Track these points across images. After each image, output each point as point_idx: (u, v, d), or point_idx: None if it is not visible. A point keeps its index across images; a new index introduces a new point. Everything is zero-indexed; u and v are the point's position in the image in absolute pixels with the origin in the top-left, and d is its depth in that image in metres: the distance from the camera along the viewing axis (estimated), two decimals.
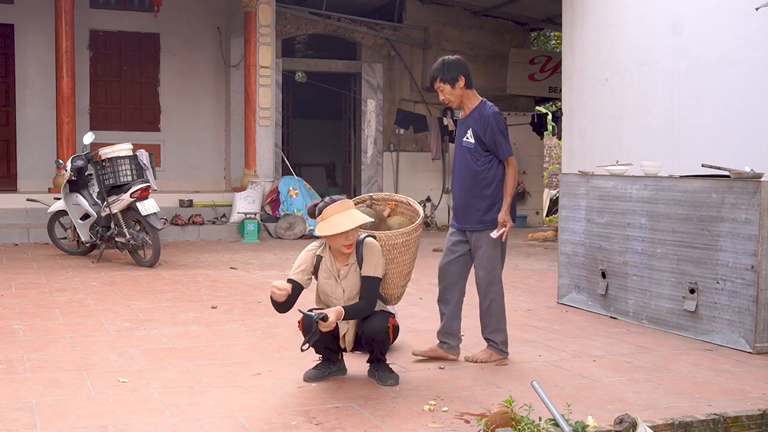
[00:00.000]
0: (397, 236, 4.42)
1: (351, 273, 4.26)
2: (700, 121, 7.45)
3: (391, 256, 4.40)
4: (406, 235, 4.45)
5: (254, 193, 11.96)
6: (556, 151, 20.94)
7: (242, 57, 12.67)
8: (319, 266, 4.31)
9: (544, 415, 3.31)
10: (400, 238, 4.42)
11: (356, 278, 4.26)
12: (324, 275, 4.31)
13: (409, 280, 4.61)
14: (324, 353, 4.36)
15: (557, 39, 18.25)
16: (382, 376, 4.30)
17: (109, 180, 8.67)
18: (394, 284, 4.48)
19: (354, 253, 4.27)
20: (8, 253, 9.46)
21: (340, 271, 4.27)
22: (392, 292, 4.51)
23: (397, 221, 4.73)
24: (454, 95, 4.73)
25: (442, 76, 4.70)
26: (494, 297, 4.77)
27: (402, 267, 4.48)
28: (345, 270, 4.27)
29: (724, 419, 3.58)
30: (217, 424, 3.62)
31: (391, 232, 4.43)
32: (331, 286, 4.29)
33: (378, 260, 4.25)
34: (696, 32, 7.50)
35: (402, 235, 4.43)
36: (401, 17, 14.78)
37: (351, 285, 4.26)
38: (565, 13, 9.46)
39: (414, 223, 4.60)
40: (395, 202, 4.82)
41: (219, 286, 7.44)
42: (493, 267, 4.74)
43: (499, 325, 4.81)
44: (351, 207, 4.19)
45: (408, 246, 4.47)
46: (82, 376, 4.35)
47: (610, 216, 6.21)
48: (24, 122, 12.80)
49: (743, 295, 5.14)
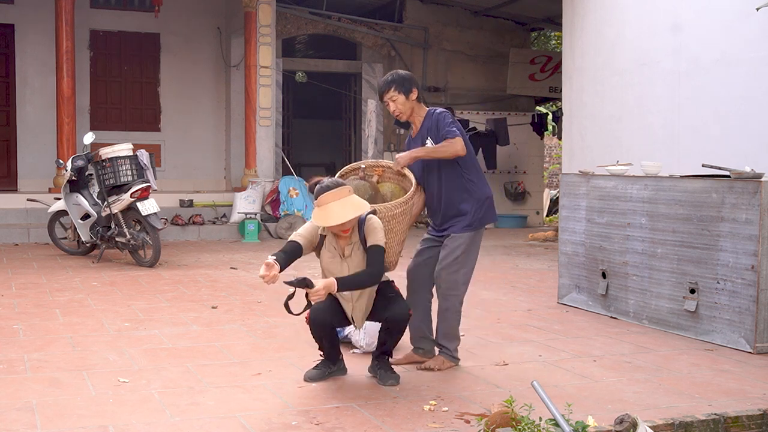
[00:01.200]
0: (396, 206, 4.42)
1: (355, 251, 4.25)
2: (700, 121, 7.45)
3: (390, 226, 4.38)
4: (404, 204, 4.46)
5: (254, 193, 11.96)
6: (556, 151, 20.94)
7: (242, 57, 12.67)
8: (323, 244, 4.30)
9: (545, 415, 3.31)
10: (398, 207, 4.43)
11: (361, 256, 4.24)
12: (328, 255, 4.28)
13: (403, 244, 4.62)
14: (327, 351, 4.35)
15: (557, 39, 18.25)
16: (384, 375, 4.30)
17: (110, 180, 8.67)
18: (392, 252, 4.48)
19: (356, 232, 4.23)
20: (8, 253, 9.46)
21: (345, 249, 4.25)
22: (390, 259, 4.49)
23: (389, 189, 4.70)
24: (406, 107, 4.67)
25: (397, 86, 4.64)
26: (452, 303, 4.66)
27: (400, 234, 4.50)
28: (349, 249, 4.24)
29: (724, 419, 3.58)
30: (217, 424, 3.62)
31: (390, 204, 4.42)
32: (336, 264, 4.27)
33: (380, 231, 4.23)
34: (696, 32, 7.51)
35: (400, 205, 4.44)
36: (401, 17, 14.78)
37: (356, 263, 4.24)
38: (565, 13, 9.46)
39: (408, 190, 4.58)
40: (382, 168, 4.77)
41: (219, 286, 7.44)
42: (456, 270, 4.63)
43: (453, 331, 4.69)
44: (347, 194, 4.10)
45: (405, 214, 4.48)
46: (82, 376, 4.35)
47: (611, 216, 6.21)
48: (24, 122, 12.80)
49: (743, 295, 5.14)
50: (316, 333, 4.30)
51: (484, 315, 6.23)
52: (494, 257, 10.01)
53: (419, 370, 4.60)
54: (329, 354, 4.39)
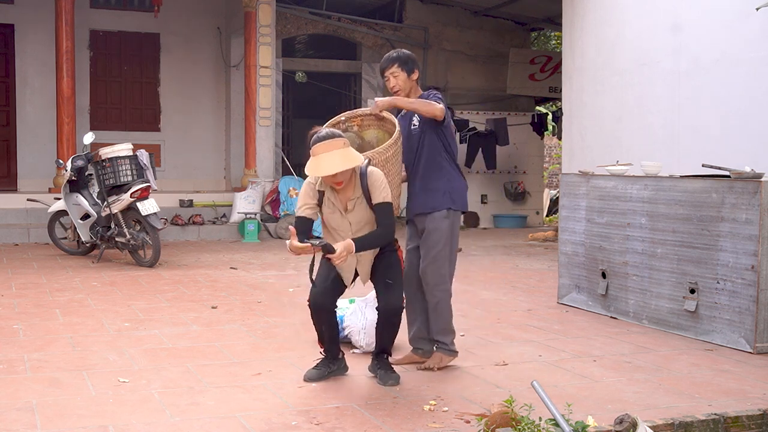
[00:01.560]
0: (387, 149, 4.39)
1: (358, 206, 4.21)
2: (700, 121, 7.45)
3: (386, 170, 4.35)
4: (393, 146, 4.43)
5: (254, 193, 11.96)
6: (556, 151, 20.94)
7: (242, 57, 12.67)
8: (322, 200, 4.26)
9: (544, 415, 3.31)
10: (389, 150, 4.40)
11: (363, 211, 4.21)
12: (328, 209, 4.24)
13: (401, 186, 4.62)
14: (327, 343, 4.34)
15: (557, 39, 18.25)
16: (384, 375, 4.30)
17: (110, 180, 8.67)
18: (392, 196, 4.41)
19: (359, 186, 4.19)
20: (8, 253, 9.46)
21: (347, 205, 4.21)
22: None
23: (374, 135, 4.69)
24: (406, 85, 4.68)
25: (401, 64, 4.66)
26: (442, 297, 4.65)
27: (396, 177, 4.47)
28: (351, 204, 4.21)
29: (724, 419, 3.58)
30: (217, 424, 3.62)
31: (381, 148, 4.38)
32: (336, 219, 4.24)
33: (383, 185, 4.19)
34: (696, 32, 7.51)
35: (390, 147, 4.41)
36: (401, 17, 14.78)
37: (358, 218, 4.22)
38: (565, 13, 9.46)
39: (392, 133, 4.55)
40: (360, 117, 4.72)
41: (219, 286, 7.44)
42: (441, 264, 4.62)
43: (447, 325, 4.69)
44: (340, 146, 4.05)
45: (396, 155, 4.47)
46: (82, 376, 4.35)
47: (610, 216, 6.20)
48: (24, 122, 12.80)
49: (743, 295, 5.14)
50: (315, 317, 4.29)
51: (484, 315, 6.23)
52: (494, 257, 10.01)
53: (419, 371, 4.60)
54: (329, 348, 4.37)
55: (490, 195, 14.98)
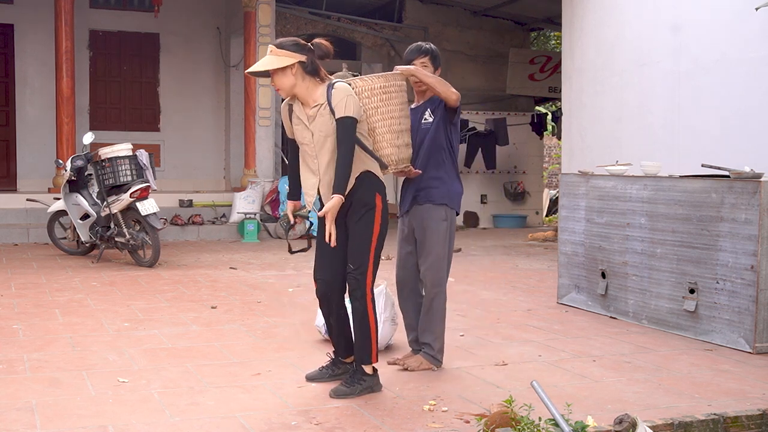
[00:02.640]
0: (374, 80, 4.25)
1: (319, 117, 4.05)
2: (700, 121, 7.46)
3: (374, 105, 4.22)
4: (383, 80, 4.26)
5: (254, 193, 11.96)
6: (556, 151, 20.94)
7: (242, 57, 12.67)
8: (292, 115, 4.18)
9: (544, 415, 3.31)
10: (377, 81, 4.26)
11: (325, 123, 4.03)
12: (296, 121, 4.16)
13: (407, 144, 4.39)
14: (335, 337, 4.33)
15: (557, 39, 18.25)
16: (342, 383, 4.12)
17: (109, 180, 8.67)
18: (386, 140, 4.26)
19: (322, 96, 4.05)
20: (8, 253, 9.46)
21: (308, 113, 4.09)
22: (386, 151, 4.27)
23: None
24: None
25: (432, 57, 4.66)
26: (438, 299, 4.60)
27: (390, 120, 4.27)
28: (313, 111, 4.07)
29: (724, 419, 3.58)
30: (217, 424, 3.62)
31: (367, 77, 4.27)
32: (300, 131, 4.13)
33: (347, 100, 3.97)
34: (696, 32, 7.51)
35: (378, 79, 4.25)
36: (401, 17, 14.78)
37: (319, 128, 4.04)
38: (564, 13, 9.47)
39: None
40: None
41: (219, 286, 7.44)
42: (440, 267, 4.58)
43: (438, 328, 4.61)
44: (273, 52, 4.00)
45: (389, 93, 4.28)
46: (82, 376, 4.35)
47: (610, 216, 6.21)
48: (24, 122, 12.80)
49: (743, 295, 5.14)
50: (322, 309, 4.31)
51: (484, 315, 6.23)
52: (494, 257, 10.02)
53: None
54: (337, 342, 4.28)
55: (489, 195, 14.98)
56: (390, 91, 4.31)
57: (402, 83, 4.38)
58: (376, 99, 4.25)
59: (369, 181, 4.12)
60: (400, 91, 4.35)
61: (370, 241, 4.09)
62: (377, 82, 4.26)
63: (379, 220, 4.12)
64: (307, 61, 4.04)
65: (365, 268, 4.09)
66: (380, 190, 4.15)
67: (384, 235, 4.16)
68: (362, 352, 4.14)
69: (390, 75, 4.35)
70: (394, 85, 4.33)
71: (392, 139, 4.30)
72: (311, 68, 4.06)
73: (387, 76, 4.33)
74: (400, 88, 4.36)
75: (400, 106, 4.35)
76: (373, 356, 4.13)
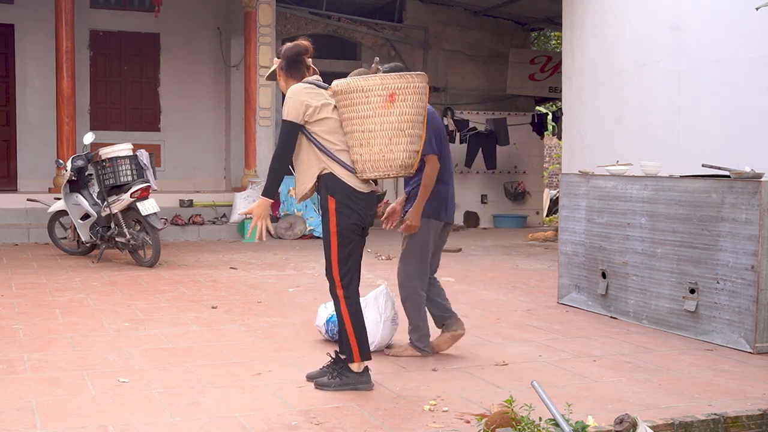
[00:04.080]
0: (373, 80, 4.04)
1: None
2: (700, 121, 7.45)
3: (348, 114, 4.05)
4: (390, 80, 4.00)
5: (254, 193, 11.95)
6: (556, 151, 20.94)
7: (242, 57, 12.67)
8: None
9: (544, 415, 3.31)
10: (359, 81, 4.04)
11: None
12: None
13: (405, 149, 4.07)
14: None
15: (557, 39, 18.25)
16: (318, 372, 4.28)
17: (110, 180, 8.67)
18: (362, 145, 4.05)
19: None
20: (8, 253, 9.46)
21: None
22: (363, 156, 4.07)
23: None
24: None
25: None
26: (406, 295, 4.83)
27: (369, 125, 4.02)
28: None
29: (724, 419, 3.58)
30: (217, 424, 3.62)
31: (371, 76, 4.10)
32: None
33: (286, 104, 4.09)
34: (696, 32, 7.51)
35: (380, 80, 4.01)
36: (401, 17, 14.78)
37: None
38: (565, 13, 9.47)
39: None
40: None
41: (219, 286, 7.44)
42: (408, 262, 4.81)
43: (414, 323, 4.84)
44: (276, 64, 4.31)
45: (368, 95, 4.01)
46: (82, 376, 4.35)
47: (610, 216, 6.21)
48: (24, 122, 12.80)
49: (743, 295, 5.14)
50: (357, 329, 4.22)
51: (484, 315, 6.23)
52: (494, 257, 10.02)
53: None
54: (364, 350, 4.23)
55: (490, 195, 14.98)
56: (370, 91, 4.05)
57: (419, 85, 4.10)
58: (351, 106, 4.06)
59: (324, 182, 4.14)
60: (416, 93, 4.08)
61: (329, 243, 4.14)
62: (358, 83, 4.04)
63: (333, 220, 4.11)
64: (282, 65, 4.28)
65: (330, 269, 4.16)
66: (333, 191, 4.11)
67: (346, 233, 4.11)
68: (344, 349, 4.19)
69: (408, 75, 4.10)
70: (403, 86, 4.05)
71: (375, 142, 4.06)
72: (286, 70, 4.28)
73: (403, 76, 4.07)
74: (416, 90, 4.08)
75: (412, 110, 4.08)
76: (354, 355, 4.15)
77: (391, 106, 4.03)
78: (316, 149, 4.11)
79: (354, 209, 4.12)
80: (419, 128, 4.13)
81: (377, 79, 4.05)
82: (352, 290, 4.16)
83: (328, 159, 4.11)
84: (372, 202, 4.23)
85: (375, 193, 4.24)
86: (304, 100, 4.07)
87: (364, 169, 4.08)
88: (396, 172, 4.10)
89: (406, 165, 4.11)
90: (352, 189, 4.11)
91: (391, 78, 4.05)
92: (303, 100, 4.07)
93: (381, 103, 4.02)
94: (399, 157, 4.07)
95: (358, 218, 4.13)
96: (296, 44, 4.30)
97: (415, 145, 4.11)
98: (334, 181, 4.10)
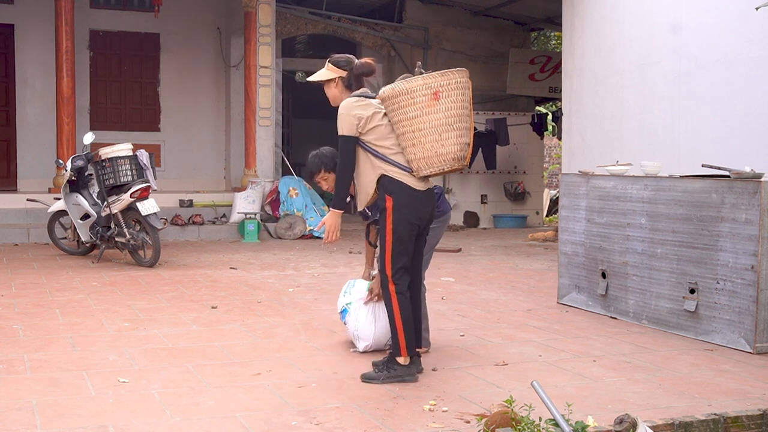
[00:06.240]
0: (416, 80, 4.17)
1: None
2: (701, 121, 7.46)
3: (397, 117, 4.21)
4: (433, 79, 4.14)
5: (254, 193, 11.96)
6: (556, 151, 20.95)
7: (242, 57, 12.67)
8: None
9: (544, 415, 3.31)
10: (405, 84, 4.18)
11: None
12: None
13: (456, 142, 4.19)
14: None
15: (557, 39, 18.26)
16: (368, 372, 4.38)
17: (109, 180, 8.67)
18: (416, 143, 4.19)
19: None
20: (8, 253, 9.46)
21: None
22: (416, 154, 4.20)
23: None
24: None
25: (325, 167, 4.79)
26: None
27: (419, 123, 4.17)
28: None
29: (724, 419, 3.58)
30: (217, 424, 3.62)
31: (413, 78, 4.21)
32: None
33: (340, 120, 4.28)
34: (696, 32, 7.51)
35: (423, 79, 4.15)
36: (401, 17, 14.78)
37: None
38: (565, 13, 9.47)
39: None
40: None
41: (219, 286, 7.44)
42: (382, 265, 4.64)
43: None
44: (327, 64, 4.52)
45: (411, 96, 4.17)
46: (82, 376, 4.35)
47: (610, 216, 6.21)
48: (24, 122, 12.80)
49: (743, 295, 5.14)
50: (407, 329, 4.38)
51: (484, 315, 6.24)
52: (494, 257, 10.02)
53: None
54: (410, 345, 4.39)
55: (489, 195, 14.98)
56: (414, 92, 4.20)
57: (461, 80, 4.22)
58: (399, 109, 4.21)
59: (382, 184, 4.33)
60: (458, 88, 4.20)
61: (384, 240, 4.31)
62: (400, 87, 4.19)
63: (390, 217, 4.29)
64: (346, 77, 4.46)
65: (384, 266, 4.34)
66: (390, 190, 4.30)
67: (401, 230, 4.29)
68: (393, 342, 4.38)
69: (449, 72, 4.21)
70: (446, 83, 4.18)
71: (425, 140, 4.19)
72: (348, 83, 4.47)
73: (445, 74, 4.20)
74: (458, 86, 4.20)
75: (456, 104, 4.20)
76: (401, 349, 4.32)
77: (436, 103, 4.18)
78: (372, 156, 4.31)
79: (411, 207, 4.30)
80: (467, 121, 4.26)
81: (420, 80, 4.20)
82: (402, 286, 4.33)
83: (383, 163, 4.30)
84: (430, 200, 4.40)
85: (432, 191, 4.42)
86: (356, 113, 4.27)
87: (420, 167, 4.24)
88: (450, 166, 4.23)
89: (459, 157, 4.23)
90: (409, 187, 4.29)
91: (433, 77, 4.20)
92: (355, 114, 4.27)
93: (426, 102, 4.17)
94: (451, 150, 4.20)
95: (414, 216, 4.31)
96: (368, 64, 4.47)
97: (465, 138, 4.24)
98: (390, 181, 4.30)
